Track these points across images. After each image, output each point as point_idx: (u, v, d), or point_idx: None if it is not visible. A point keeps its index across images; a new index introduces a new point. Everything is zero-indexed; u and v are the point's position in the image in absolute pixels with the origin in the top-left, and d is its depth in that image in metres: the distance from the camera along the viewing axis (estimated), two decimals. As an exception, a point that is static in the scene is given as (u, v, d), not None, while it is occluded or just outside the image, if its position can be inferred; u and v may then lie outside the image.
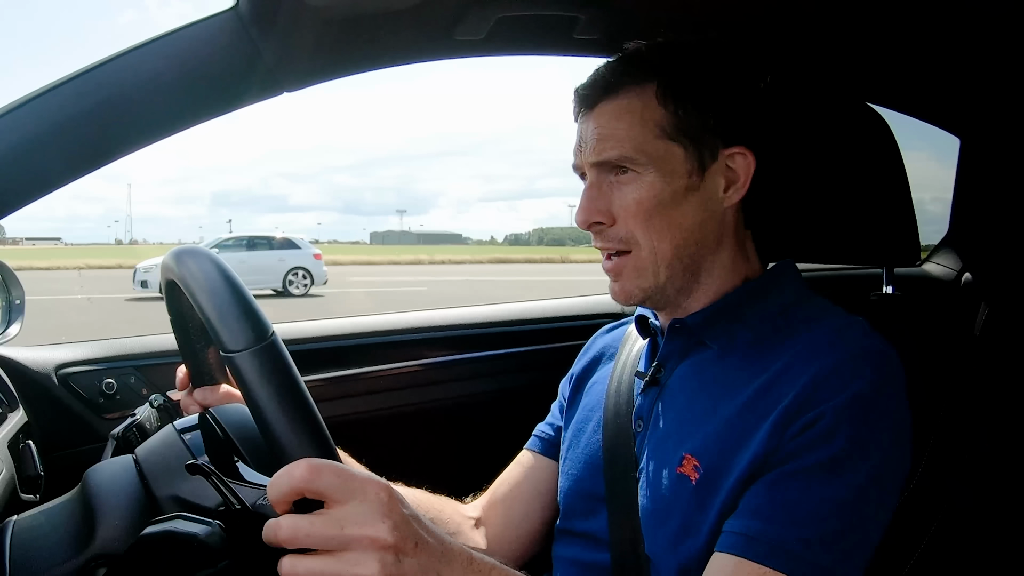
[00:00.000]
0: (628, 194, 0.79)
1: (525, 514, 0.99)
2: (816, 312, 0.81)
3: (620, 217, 0.80)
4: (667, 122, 0.78)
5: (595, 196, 0.81)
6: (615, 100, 0.80)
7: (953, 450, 0.88)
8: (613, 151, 0.79)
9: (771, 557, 0.65)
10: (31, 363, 1.14)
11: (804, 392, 0.70)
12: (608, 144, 0.79)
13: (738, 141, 0.80)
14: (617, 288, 0.83)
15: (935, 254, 1.58)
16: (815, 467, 0.68)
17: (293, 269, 14.61)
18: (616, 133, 0.79)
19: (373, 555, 0.50)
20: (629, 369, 0.90)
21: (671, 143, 0.78)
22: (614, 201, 0.80)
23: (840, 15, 0.98)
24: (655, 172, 0.78)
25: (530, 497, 0.99)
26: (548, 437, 1.01)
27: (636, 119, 0.78)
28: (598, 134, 0.80)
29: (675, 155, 0.78)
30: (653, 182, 0.78)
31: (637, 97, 0.79)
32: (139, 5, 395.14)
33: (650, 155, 0.78)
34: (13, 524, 0.66)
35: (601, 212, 0.80)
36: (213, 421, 0.68)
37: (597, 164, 0.81)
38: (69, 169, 0.83)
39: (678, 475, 0.75)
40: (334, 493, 0.51)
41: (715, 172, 0.80)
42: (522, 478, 1.00)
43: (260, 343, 0.57)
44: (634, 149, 0.78)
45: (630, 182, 0.79)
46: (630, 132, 0.78)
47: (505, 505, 1.00)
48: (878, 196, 0.95)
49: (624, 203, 0.79)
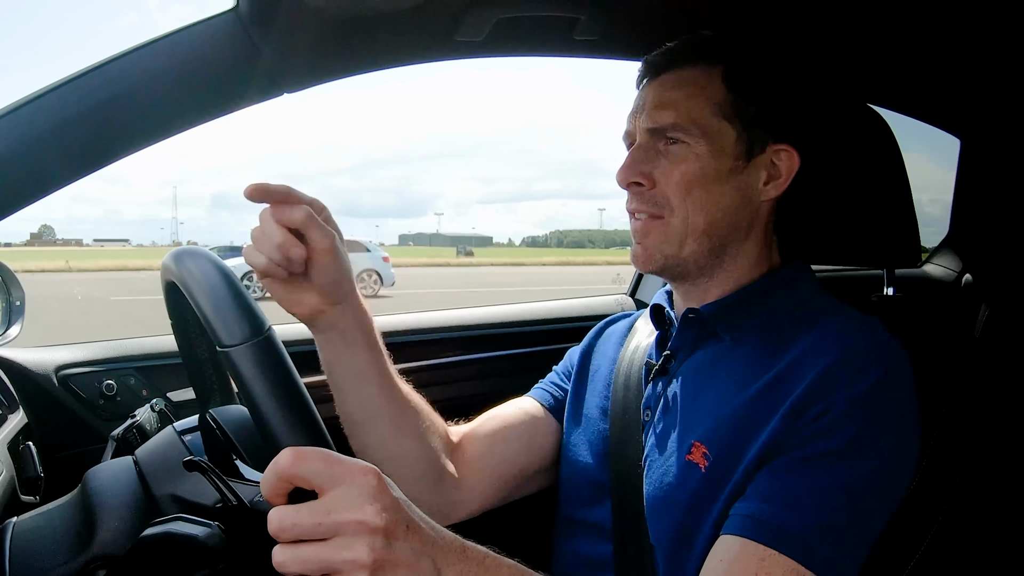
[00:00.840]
0: (674, 162, 0.80)
1: (506, 455, 0.94)
2: (830, 309, 0.82)
3: (660, 182, 0.81)
4: (727, 103, 0.80)
5: (640, 158, 0.82)
6: (681, 71, 0.82)
7: (953, 450, 0.88)
8: (668, 119, 0.80)
9: (776, 540, 0.66)
10: (31, 364, 1.14)
11: (816, 383, 0.70)
12: (665, 112, 0.81)
13: (787, 139, 0.82)
14: (640, 250, 0.84)
15: (935, 255, 1.58)
16: (824, 455, 0.68)
17: (364, 271, 15.07)
18: (676, 101, 0.80)
19: (362, 539, 0.49)
20: (639, 358, 0.90)
21: (725, 123, 0.80)
22: (658, 166, 0.81)
23: (840, 15, 0.98)
24: (705, 146, 0.79)
25: (520, 441, 0.95)
26: (556, 394, 0.99)
27: (698, 91, 0.80)
28: (658, 100, 0.82)
29: (727, 135, 0.80)
30: (701, 155, 0.79)
31: (704, 73, 0.81)
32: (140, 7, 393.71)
33: (703, 128, 0.79)
34: (13, 526, 0.66)
35: (643, 174, 0.82)
36: (213, 422, 0.68)
37: (651, 130, 0.82)
38: (69, 169, 0.83)
39: (687, 462, 0.75)
40: (321, 480, 0.50)
41: (759, 164, 0.82)
42: (518, 421, 0.96)
43: (256, 338, 0.57)
44: (689, 119, 0.80)
45: (679, 152, 0.80)
46: (689, 103, 0.80)
47: (491, 439, 0.95)
48: (879, 197, 0.95)
49: (668, 170, 0.80)
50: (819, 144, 0.87)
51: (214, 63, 0.86)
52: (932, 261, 1.58)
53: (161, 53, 0.84)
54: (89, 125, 0.82)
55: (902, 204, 0.96)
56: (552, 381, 1.02)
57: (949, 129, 1.40)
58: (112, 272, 24.07)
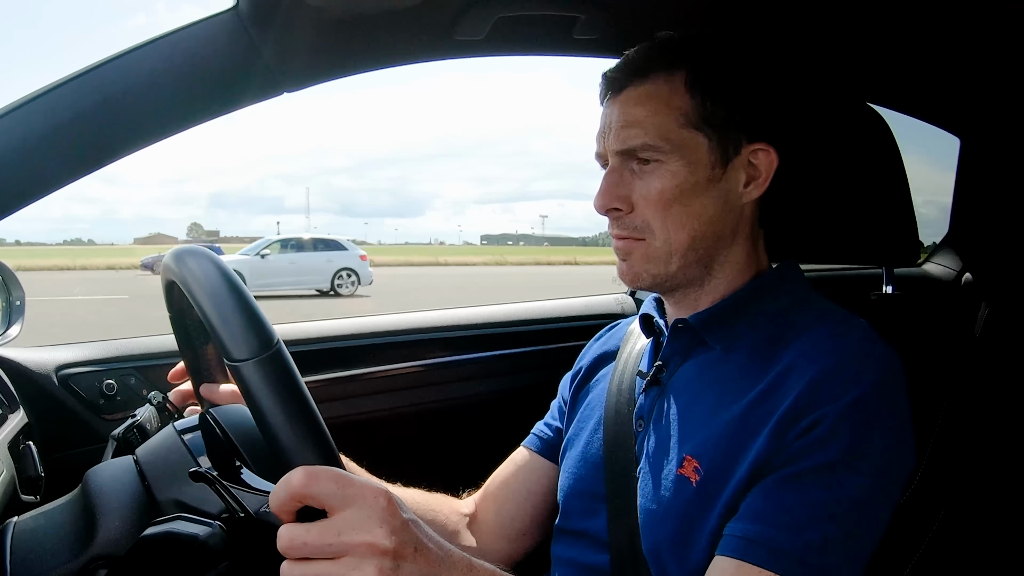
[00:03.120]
0: (650, 183, 0.78)
1: (514, 513, 0.98)
2: (818, 314, 0.80)
3: (639, 205, 0.80)
4: (693, 111, 0.78)
5: (615, 182, 0.80)
6: (643, 85, 0.80)
7: (953, 450, 0.88)
8: (637, 139, 0.78)
9: (771, 560, 0.65)
10: (31, 364, 1.14)
11: (804, 395, 0.70)
12: (633, 132, 0.79)
13: (762, 137, 0.80)
14: (626, 267, 0.83)
15: (935, 254, 1.59)
16: (815, 470, 0.67)
17: (341, 270, 15.02)
18: (641, 119, 0.78)
19: (371, 560, 0.50)
20: (631, 368, 0.89)
21: (696, 132, 0.78)
22: (635, 189, 0.80)
23: (840, 15, 0.98)
24: (678, 161, 0.78)
25: (521, 496, 0.98)
26: (546, 437, 1.01)
27: (662, 105, 0.78)
28: (623, 120, 0.80)
29: (699, 145, 0.78)
30: (676, 171, 0.78)
31: (665, 83, 0.79)
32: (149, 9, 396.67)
33: (674, 143, 0.78)
34: (14, 525, 0.66)
35: (620, 199, 0.80)
36: (214, 422, 0.68)
37: (621, 152, 0.80)
38: (69, 169, 0.83)
39: (678, 476, 0.75)
40: (332, 500, 0.51)
41: (737, 166, 0.80)
42: (514, 476, 1.00)
43: (265, 352, 0.57)
44: (658, 136, 0.78)
45: (653, 171, 0.78)
46: (655, 118, 0.78)
47: (496, 502, 0.99)
48: (878, 196, 0.95)
49: (645, 192, 0.79)
50: (800, 139, 0.86)
51: (214, 62, 0.86)
52: (932, 260, 1.58)
53: (161, 52, 0.84)
54: (89, 124, 0.82)
55: (901, 202, 0.96)
56: (545, 423, 1.03)
57: (949, 128, 1.40)
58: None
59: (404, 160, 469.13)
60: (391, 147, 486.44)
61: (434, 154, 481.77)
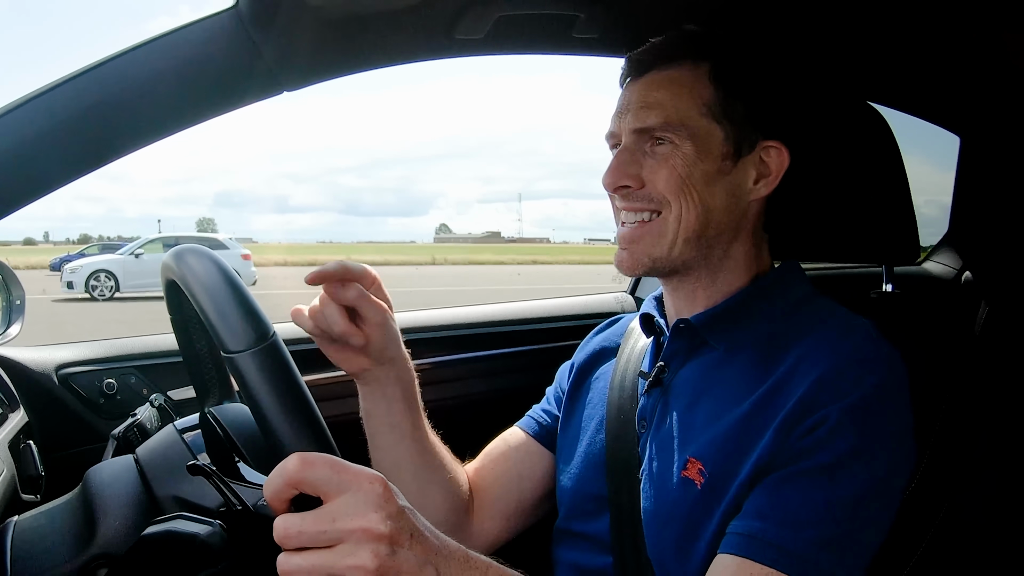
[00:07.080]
0: (661, 164, 0.79)
1: (500, 495, 0.96)
2: (821, 314, 0.80)
3: (649, 183, 0.80)
4: (714, 102, 0.79)
5: (627, 160, 0.81)
6: (667, 70, 0.81)
7: (953, 450, 0.88)
8: (656, 118, 0.79)
9: (774, 558, 0.65)
10: (32, 363, 1.14)
11: (808, 395, 0.70)
12: (653, 112, 0.79)
13: (776, 136, 0.81)
14: (625, 255, 0.83)
15: (935, 253, 1.58)
16: (818, 469, 0.68)
17: None
18: (663, 101, 0.79)
19: (367, 546, 0.49)
20: (632, 368, 0.89)
21: (713, 123, 0.79)
22: (645, 167, 0.80)
23: (841, 14, 0.98)
24: (691, 146, 0.78)
25: (511, 478, 0.96)
26: (544, 423, 0.99)
27: (685, 91, 0.79)
28: (644, 100, 0.80)
29: (714, 136, 0.79)
30: (687, 155, 0.78)
31: (691, 71, 0.80)
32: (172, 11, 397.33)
33: (691, 129, 0.78)
34: (14, 524, 0.66)
35: (631, 176, 0.81)
36: (214, 421, 0.68)
37: (637, 131, 0.81)
38: (69, 169, 0.83)
39: (682, 478, 0.75)
40: (327, 486, 0.50)
41: (748, 163, 0.81)
42: (504, 456, 0.98)
43: (261, 344, 0.57)
44: (677, 119, 0.78)
45: (665, 153, 0.79)
46: (676, 102, 0.79)
47: (484, 480, 0.97)
48: (878, 194, 0.95)
49: (655, 170, 0.79)
50: (812, 140, 0.87)
51: (214, 61, 0.85)
52: (932, 259, 1.58)
53: (161, 51, 0.83)
54: (90, 123, 0.82)
55: (901, 201, 0.96)
56: (542, 408, 1.02)
57: (949, 128, 1.40)
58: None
59: (411, 160, 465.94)
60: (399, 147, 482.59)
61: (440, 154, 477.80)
